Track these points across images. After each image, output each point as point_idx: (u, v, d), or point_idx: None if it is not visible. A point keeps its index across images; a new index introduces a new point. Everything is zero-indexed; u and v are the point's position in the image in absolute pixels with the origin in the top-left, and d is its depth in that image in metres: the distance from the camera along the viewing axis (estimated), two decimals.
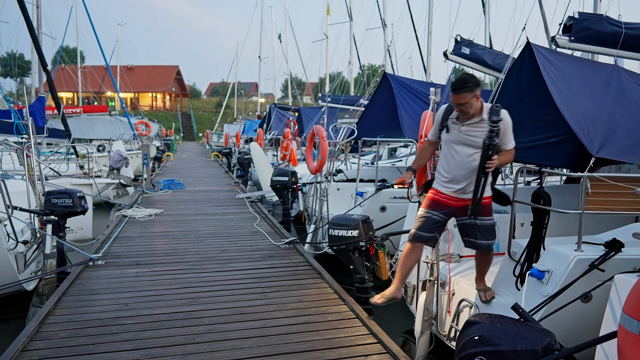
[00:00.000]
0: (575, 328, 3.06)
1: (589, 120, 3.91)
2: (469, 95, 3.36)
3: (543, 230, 3.40)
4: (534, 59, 4.16)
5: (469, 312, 3.70)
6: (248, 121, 29.81)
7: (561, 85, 4.09)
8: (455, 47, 7.96)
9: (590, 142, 3.73)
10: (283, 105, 23.20)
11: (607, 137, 3.85)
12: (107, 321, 3.85)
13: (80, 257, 5.70)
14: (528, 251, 3.42)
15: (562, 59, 4.46)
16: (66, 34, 31.99)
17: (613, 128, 3.97)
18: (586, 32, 5.00)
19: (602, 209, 3.36)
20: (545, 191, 3.37)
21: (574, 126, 3.78)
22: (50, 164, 10.91)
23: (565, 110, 3.87)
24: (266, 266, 5.56)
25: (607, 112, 4.10)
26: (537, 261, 3.31)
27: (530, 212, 3.55)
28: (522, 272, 3.41)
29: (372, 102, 8.26)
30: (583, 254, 3.03)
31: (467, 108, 3.39)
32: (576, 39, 5.01)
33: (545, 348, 1.98)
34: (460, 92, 3.35)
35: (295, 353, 3.35)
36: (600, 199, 3.33)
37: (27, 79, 36.82)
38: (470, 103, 3.37)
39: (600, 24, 5.00)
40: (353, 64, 25.82)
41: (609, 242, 3.01)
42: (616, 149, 3.80)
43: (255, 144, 13.52)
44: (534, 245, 3.41)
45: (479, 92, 3.39)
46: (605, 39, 5.02)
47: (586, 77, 4.42)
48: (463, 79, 3.40)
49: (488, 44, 11.34)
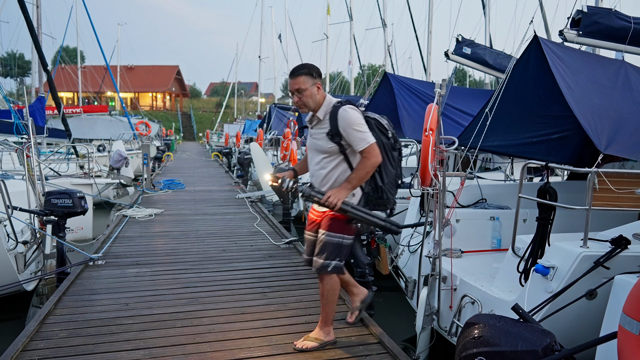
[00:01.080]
0: (579, 326, 3.05)
1: (597, 116, 3.86)
2: (309, 81, 3.05)
3: (548, 226, 3.35)
4: (541, 53, 4.10)
5: (471, 307, 3.68)
6: (248, 121, 29.80)
7: (569, 79, 4.04)
8: (456, 47, 7.97)
9: (598, 138, 3.67)
10: (283, 105, 23.18)
11: (614, 133, 3.80)
12: (107, 321, 3.85)
13: (80, 257, 5.70)
14: (533, 247, 3.38)
15: (569, 53, 4.42)
16: (66, 33, 31.91)
17: (620, 124, 3.92)
18: (595, 26, 4.95)
19: (608, 205, 3.33)
20: (551, 187, 3.34)
21: (582, 121, 3.72)
22: (50, 164, 10.90)
23: (574, 104, 3.82)
24: (266, 266, 5.55)
25: (615, 108, 4.06)
26: (541, 257, 3.26)
27: (532, 209, 3.52)
28: (526, 268, 3.37)
29: (373, 102, 8.26)
30: (589, 250, 2.98)
31: (306, 98, 3.06)
32: (584, 33, 4.95)
33: (546, 348, 1.99)
34: (298, 75, 3.05)
35: (296, 353, 3.34)
36: (606, 195, 3.30)
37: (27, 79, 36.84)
38: (310, 92, 3.05)
39: (609, 18, 4.95)
40: (353, 63, 25.85)
41: (615, 238, 2.96)
42: (624, 146, 3.76)
43: (255, 143, 13.51)
44: (538, 241, 3.36)
45: (319, 82, 3.11)
46: (614, 33, 4.97)
47: (593, 72, 4.37)
48: (301, 64, 3.12)
49: (488, 44, 11.35)
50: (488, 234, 4.80)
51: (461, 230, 4.67)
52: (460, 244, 4.63)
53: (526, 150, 4.36)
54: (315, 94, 3.08)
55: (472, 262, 4.38)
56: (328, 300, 3.30)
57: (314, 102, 3.09)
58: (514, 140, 4.52)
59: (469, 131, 4.59)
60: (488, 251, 4.74)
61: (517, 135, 4.53)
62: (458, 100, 7.36)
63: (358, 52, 30.35)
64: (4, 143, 8.26)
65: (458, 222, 4.67)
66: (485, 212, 4.87)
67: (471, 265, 4.29)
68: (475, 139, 4.22)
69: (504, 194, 5.20)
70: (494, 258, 4.44)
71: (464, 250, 4.60)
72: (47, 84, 11.34)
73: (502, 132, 4.56)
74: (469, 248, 4.67)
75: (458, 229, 4.65)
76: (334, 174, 3.15)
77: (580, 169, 3.48)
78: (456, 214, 4.66)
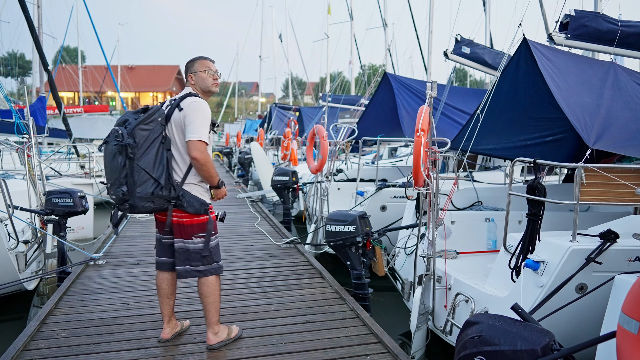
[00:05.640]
0: (576, 325, 3.07)
1: (586, 114, 3.92)
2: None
3: (538, 222, 3.40)
4: (531, 55, 4.15)
5: (464, 305, 3.72)
6: (249, 121, 29.82)
7: (559, 79, 4.09)
8: (455, 46, 7.96)
9: (587, 134, 3.73)
10: (284, 105, 23.22)
11: (603, 130, 3.86)
12: (108, 321, 3.85)
13: (81, 256, 5.71)
14: (523, 243, 3.43)
15: (559, 55, 4.46)
16: (67, 33, 31.94)
17: (610, 121, 3.98)
18: (582, 29, 5.00)
19: (597, 200, 3.38)
20: (540, 183, 3.38)
21: (571, 118, 3.78)
22: (51, 164, 10.93)
23: (563, 103, 3.87)
24: (267, 266, 5.56)
25: (604, 106, 4.11)
26: (532, 253, 3.32)
27: (527, 210, 3.55)
28: (517, 264, 3.43)
29: (373, 102, 8.27)
30: (578, 244, 3.04)
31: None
32: (572, 36, 5.01)
33: (545, 348, 1.99)
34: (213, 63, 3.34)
35: (296, 353, 3.35)
36: (595, 190, 3.35)
37: (28, 78, 36.84)
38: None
39: (597, 21, 5.01)
40: (354, 63, 25.85)
41: (604, 233, 3.01)
42: (612, 141, 3.81)
43: (256, 143, 13.52)
44: (529, 237, 3.41)
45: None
46: (602, 36, 5.03)
47: (583, 72, 4.42)
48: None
49: (489, 43, 11.34)
50: (483, 235, 4.83)
51: (457, 232, 4.70)
52: (456, 245, 4.65)
53: (521, 153, 4.38)
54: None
55: (467, 263, 4.41)
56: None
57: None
58: (508, 143, 4.55)
59: (463, 133, 4.61)
60: (483, 252, 4.76)
61: (511, 138, 4.57)
62: (458, 100, 7.37)
63: (359, 52, 30.35)
64: (5, 143, 8.27)
65: (453, 223, 4.70)
66: (480, 213, 4.90)
67: (466, 265, 4.31)
68: (468, 142, 4.24)
69: (499, 196, 5.23)
70: (489, 259, 4.46)
71: (459, 252, 4.62)
72: (48, 84, 11.35)
73: (496, 135, 4.59)
74: (464, 249, 4.69)
75: (454, 231, 4.68)
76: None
77: (567, 165, 3.52)
78: (452, 215, 4.69)
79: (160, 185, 3.04)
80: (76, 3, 25.81)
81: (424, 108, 3.62)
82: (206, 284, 3.27)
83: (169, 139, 3.14)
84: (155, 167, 3.03)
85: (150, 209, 3.09)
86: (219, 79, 3.38)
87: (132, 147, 2.94)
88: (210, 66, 3.31)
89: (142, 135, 3.00)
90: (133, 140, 2.96)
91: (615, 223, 3.38)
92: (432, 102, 3.69)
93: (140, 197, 3.00)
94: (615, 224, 3.34)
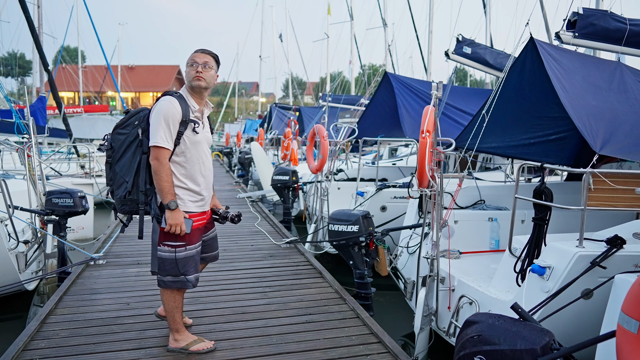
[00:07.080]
0: (576, 326, 3.06)
1: (592, 117, 3.88)
2: (215, 65, 3.10)
3: (544, 227, 3.37)
4: (537, 55, 4.13)
5: (468, 307, 3.70)
6: (249, 121, 29.82)
7: (565, 80, 4.06)
8: (456, 46, 7.97)
9: (593, 139, 3.70)
10: (284, 105, 23.22)
11: (609, 134, 3.83)
12: (108, 321, 3.85)
13: (81, 256, 5.71)
14: (529, 247, 3.40)
15: (565, 55, 4.44)
16: (67, 33, 31.94)
17: (615, 125, 3.95)
18: (590, 28, 4.97)
19: (604, 205, 3.35)
20: (547, 187, 3.35)
21: (577, 122, 3.75)
22: (51, 164, 10.93)
23: (569, 106, 3.85)
24: (267, 266, 5.56)
25: (610, 109, 4.08)
26: (538, 257, 3.29)
27: (530, 209, 3.54)
28: (522, 269, 3.39)
29: (373, 102, 8.26)
30: (585, 250, 3.01)
31: (208, 73, 3.03)
32: (580, 35, 4.98)
33: (544, 347, 1.99)
34: (209, 54, 3.09)
35: (296, 353, 3.35)
36: (602, 195, 3.32)
37: (28, 78, 36.86)
38: (213, 73, 3.09)
39: (605, 20, 4.97)
40: (354, 63, 25.87)
41: (611, 238, 2.98)
42: (619, 147, 3.78)
43: (256, 143, 13.53)
44: (535, 241, 3.38)
45: (217, 75, 3.16)
46: (610, 35, 5.00)
47: (589, 73, 4.39)
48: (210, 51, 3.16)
49: (489, 43, 11.34)
50: (486, 235, 4.81)
51: (459, 232, 4.69)
52: (459, 245, 4.64)
53: (524, 151, 4.37)
54: (215, 78, 3.14)
55: (470, 263, 4.39)
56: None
57: (210, 83, 3.10)
58: (512, 142, 4.54)
59: (466, 132, 4.61)
60: (486, 252, 4.75)
61: (514, 136, 4.55)
62: (459, 100, 7.37)
63: (359, 52, 30.33)
64: (5, 143, 8.27)
65: (456, 223, 4.69)
66: (483, 213, 4.88)
67: (469, 266, 4.30)
68: (473, 140, 4.23)
69: (502, 195, 5.21)
70: (492, 259, 4.45)
71: (462, 251, 4.61)
72: (48, 84, 11.35)
73: (500, 133, 4.57)
74: (467, 249, 4.69)
75: (456, 230, 4.67)
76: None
77: (575, 170, 3.50)
78: (454, 215, 4.68)
79: (129, 190, 3.08)
80: (76, 3, 25.84)
81: (429, 109, 3.61)
82: (164, 294, 3.21)
83: (147, 143, 3.02)
84: (129, 171, 3.07)
85: (127, 211, 3.18)
86: (203, 72, 3.03)
87: (110, 151, 3.08)
88: (196, 59, 3.05)
89: (118, 139, 3.10)
90: (110, 145, 3.09)
91: (621, 227, 3.36)
92: (437, 103, 3.68)
93: (118, 199, 3.14)
94: (621, 228, 3.32)
